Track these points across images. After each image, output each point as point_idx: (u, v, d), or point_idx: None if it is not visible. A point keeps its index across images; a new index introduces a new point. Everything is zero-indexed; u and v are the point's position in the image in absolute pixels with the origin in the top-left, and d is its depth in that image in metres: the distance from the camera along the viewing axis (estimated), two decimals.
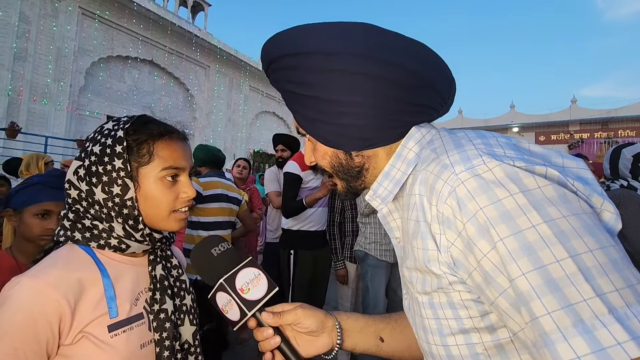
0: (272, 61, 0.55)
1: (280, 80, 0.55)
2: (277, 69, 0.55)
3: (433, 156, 0.47)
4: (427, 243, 0.46)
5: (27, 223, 1.21)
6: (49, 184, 1.25)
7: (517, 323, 0.38)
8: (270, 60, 0.55)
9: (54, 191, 1.23)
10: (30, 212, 1.20)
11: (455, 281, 0.44)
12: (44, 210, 1.21)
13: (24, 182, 1.30)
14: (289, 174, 2.48)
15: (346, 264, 2.68)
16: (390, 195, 0.55)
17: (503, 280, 0.38)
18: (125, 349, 0.65)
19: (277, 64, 0.54)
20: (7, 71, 8.36)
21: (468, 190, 0.40)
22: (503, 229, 0.37)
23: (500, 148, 0.43)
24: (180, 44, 12.30)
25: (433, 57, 0.53)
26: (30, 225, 1.20)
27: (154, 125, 0.73)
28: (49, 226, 1.21)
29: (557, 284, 0.34)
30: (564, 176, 0.39)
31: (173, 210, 0.72)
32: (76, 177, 0.70)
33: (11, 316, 0.58)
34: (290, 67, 0.52)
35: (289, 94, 0.55)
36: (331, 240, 2.66)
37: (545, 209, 0.36)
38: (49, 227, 1.21)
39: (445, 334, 0.46)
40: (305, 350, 0.61)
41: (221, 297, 0.60)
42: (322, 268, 2.66)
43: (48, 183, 1.25)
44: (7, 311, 0.58)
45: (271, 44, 0.55)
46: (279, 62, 0.53)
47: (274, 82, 0.57)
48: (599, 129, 18.92)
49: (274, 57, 0.54)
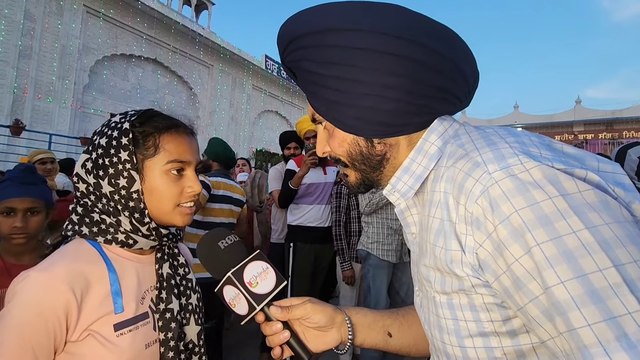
0: (291, 40, 0.52)
1: (299, 59, 0.52)
2: (296, 48, 0.51)
3: (461, 152, 0.45)
4: (450, 243, 0.44)
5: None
6: (17, 180, 1.19)
7: (548, 331, 0.37)
8: (289, 40, 0.52)
9: (21, 187, 1.17)
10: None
11: (479, 284, 0.42)
12: (6, 207, 1.15)
13: None
14: (288, 170, 2.71)
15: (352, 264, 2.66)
16: (410, 191, 0.52)
17: (535, 287, 0.36)
18: (131, 349, 0.65)
19: (296, 43, 0.51)
20: (12, 69, 8.40)
21: (502, 190, 0.37)
22: (540, 233, 0.35)
23: (535, 148, 0.40)
24: (183, 42, 12.31)
25: (460, 42, 0.51)
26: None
27: (160, 118, 0.72)
28: (15, 224, 1.15)
29: (600, 294, 0.32)
30: (604, 181, 0.37)
31: (178, 204, 0.71)
32: (84, 170, 0.69)
33: (20, 310, 0.58)
34: (312, 46, 0.49)
35: (307, 74, 0.52)
36: (337, 241, 2.63)
37: (586, 214, 0.34)
38: (14, 225, 1.15)
39: (463, 336, 0.45)
40: (314, 346, 0.60)
41: (229, 291, 0.59)
42: (322, 264, 2.75)
43: (17, 179, 1.19)
44: (16, 305, 0.58)
45: (292, 22, 0.52)
46: (299, 41, 0.51)
47: (290, 63, 0.54)
48: (603, 129, 18.81)
49: (295, 35, 0.51)
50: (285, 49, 0.54)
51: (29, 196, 1.18)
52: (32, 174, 1.26)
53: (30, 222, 1.19)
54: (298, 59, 0.52)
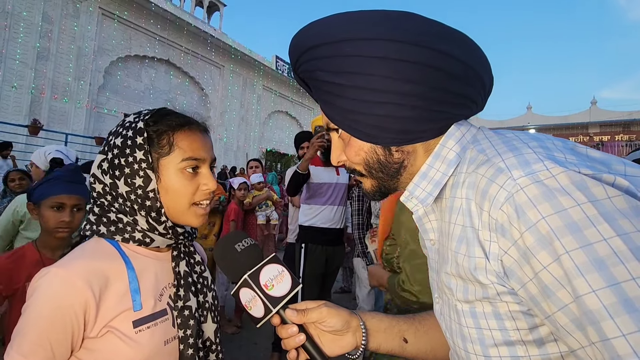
0: (305, 51, 0.52)
1: (313, 70, 0.52)
2: (310, 59, 0.52)
3: (482, 158, 0.44)
4: (473, 250, 0.43)
5: (44, 215, 1.26)
6: (64, 178, 1.30)
7: (578, 341, 0.36)
8: (303, 51, 0.52)
9: (68, 185, 1.29)
10: (46, 205, 1.26)
11: (504, 292, 0.41)
12: (57, 202, 1.26)
13: (45, 177, 1.37)
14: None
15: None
16: (429, 197, 0.52)
17: (564, 295, 0.35)
18: (150, 345, 0.65)
19: (310, 54, 0.51)
20: (31, 70, 8.64)
21: (528, 197, 0.37)
22: (569, 240, 0.34)
23: (560, 152, 0.39)
24: (195, 43, 12.48)
25: (475, 47, 0.51)
26: (46, 217, 1.26)
27: (173, 116, 0.72)
28: (62, 218, 1.26)
29: (634, 303, 0.31)
30: (633, 186, 0.36)
31: (193, 202, 0.71)
32: (100, 170, 0.70)
33: (40, 306, 0.59)
34: (327, 56, 0.49)
35: (322, 85, 0.52)
36: (359, 244, 2.66)
37: (617, 221, 0.34)
38: (62, 219, 1.26)
39: (488, 345, 0.44)
40: (329, 350, 0.60)
41: (245, 293, 0.59)
42: (333, 266, 2.73)
43: (63, 177, 1.30)
44: (36, 301, 0.59)
45: (305, 33, 0.52)
46: (313, 52, 0.51)
47: (303, 73, 0.54)
48: (620, 131, 18.36)
49: (309, 46, 0.51)
50: (299, 60, 0.53)
51: (76, 193, 1.30)
52: (78, 174, 1.37)
53: (75, 217, 1.29)
54: (313, 69, 0.52)
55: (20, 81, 8.49)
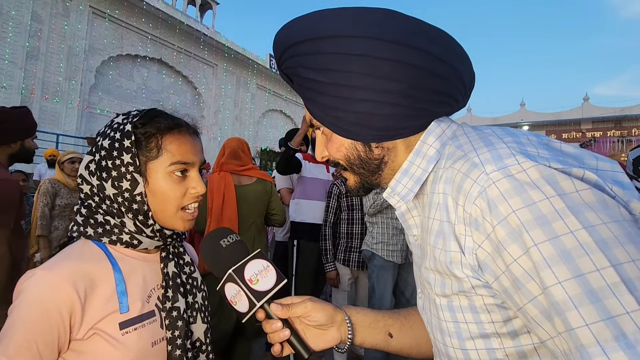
0: (288, 47, 0.52)
1: (295, 66, 0.52)
2: (292, 55, 0.52)
3: (459, 153, 0.45)
4: (449, 244, 0.44)
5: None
6: None
7: (547, 331, 0.37)
8: (286, 47, 0.52)
9: None
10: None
11: (479, 285, 0.42)
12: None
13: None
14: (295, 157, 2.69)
15: (338, 266, 2.59)
16: (410, 194, 0.52)
17: (534, 287, 0.36)
18: (137, 347, 0.65)
19: (293, 50, 0.51)
20: (20, 70, 8.51)
21: (500, 191, 0.38)
22: (538, 233, 0.35)
23: (533, 147, 0.40)
24: (188, 42, 12.37)
25: (456, 45, 0.51)
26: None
27: (162, 118, 0.71)
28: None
29: (597, 294, 0.32)
30: (601, 180, 0.37)
31: (181, 207, 0.71)
32: (87, 171, 0.70)
33: (26, 308, 0.59)
34: (308, 53, 0.49)
35: (304, 81, 0.52)
36: (322, 241, 2.60)
37: (583, 214, 0.34)
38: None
39: (464, 338, 0.45)
40: (314, 344, 0.61)
41: (230, 288, 0.60)
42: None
43: None
44: (21, 303, 0.59)
45: (288, 29, 0.52)
46: (295, 48, 0.51)
47: (287, 69, 0.54)
48: (612, 127, 18.56)
49: (292, 42, 0.51)
50: (282, 56, 0.54)
51: None
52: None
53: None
54: (295, 66, 0.52)
55: (9, 81, 8.36)
